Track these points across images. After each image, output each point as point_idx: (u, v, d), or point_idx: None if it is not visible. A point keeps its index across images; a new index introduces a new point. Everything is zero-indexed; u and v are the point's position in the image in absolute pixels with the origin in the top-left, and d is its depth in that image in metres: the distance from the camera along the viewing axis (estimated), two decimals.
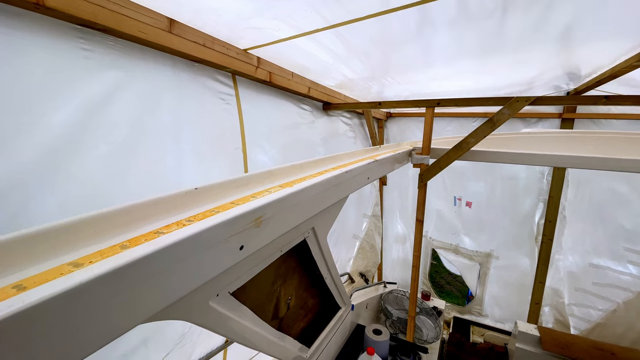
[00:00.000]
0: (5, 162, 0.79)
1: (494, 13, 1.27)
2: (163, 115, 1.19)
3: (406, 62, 1.85)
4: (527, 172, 3.29)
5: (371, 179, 1.40)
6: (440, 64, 1.89)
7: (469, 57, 1.79)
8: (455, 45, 1.60)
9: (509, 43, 1.58)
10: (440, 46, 1.62)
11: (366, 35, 1.44)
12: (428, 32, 1.44)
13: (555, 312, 3.46)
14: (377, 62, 1.85)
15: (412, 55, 1.73)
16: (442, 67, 1.95)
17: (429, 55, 1.75)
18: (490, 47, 1.64)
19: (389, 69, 1.99)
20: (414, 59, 1.80)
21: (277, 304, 1.30)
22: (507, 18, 1.32)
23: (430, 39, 1.52)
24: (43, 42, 0.86)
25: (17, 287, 0.34)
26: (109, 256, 0.41)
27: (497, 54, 1.74)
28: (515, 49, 1.66)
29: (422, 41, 1.55)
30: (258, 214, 0.64)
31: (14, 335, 0.31)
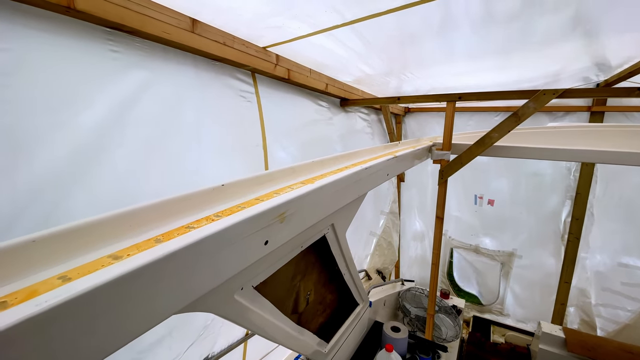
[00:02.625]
0: (40, 160, 0.83)
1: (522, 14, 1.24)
2: (186, 113, 1.22)
3: (426, 58, 1.82)
4: (553, 168, 3.17)
5: (390, 176, 1.39)
6: (461, 59, 1.84)
7: (493, 54, 1.74)
8: (479, 42, 1.57)
9: (536, 39, 1.53)
10: (463, 43, 1.59)
11: (384, 31, 1.42)
12: (450, 27, 1.40)
13: (581, 312, 3.33)
14: (395, 57, 1.82)
15: (432, 51, 1.70)
16: (464, 62, 1.90)
17: (450, 52, 1.72)
18: (515, 44, 1.59)
19: (408, 64, 1.95)
20: (434, 55, 1.77)
21: (296, 298, 1.32)
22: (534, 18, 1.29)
23: (451, 35, 1.49)
24: (74, 44, 0.89)
25: (62, 277, 0.36)
26: (145, 249, 0.42)
27: (522, 50, 1.68)
28: (542, 44, 1.61)
29: (443, 37, 1.52)
30: (282, 210, 0.65)
31: (60, 324, 0.33)
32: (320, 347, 1.53)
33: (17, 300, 0.32)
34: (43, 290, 0.34)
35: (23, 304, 0.32)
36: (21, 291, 0.34)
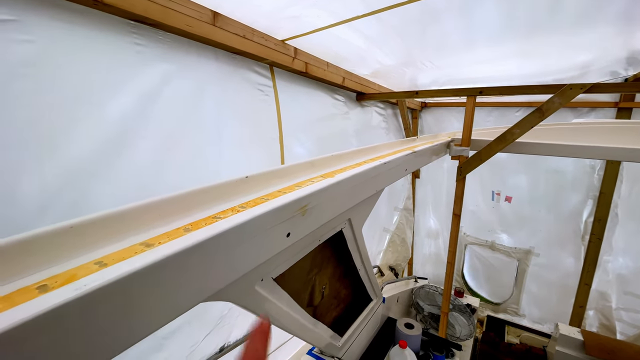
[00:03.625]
0: (67, 152, 0.86)
1: None
2: (206, 107, 1.23)
3: (445, 41, 1.74)
4: (575, 166, 3.06)
5: (409, 171, 1.37)
6: (483, 43, 1.74)
7: (516, 37, 1.64)
8: (502, 19, 1.46)
9: (564, 20, 1.43)
10: (485, 21, 1.48)
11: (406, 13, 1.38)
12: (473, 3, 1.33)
13: (601, 316, 3.23)
14: (414, 41, 1.75)
15: (452, 32, 1.61)
16: (485, 47, 1.81)
17: (471, 33, 1.61)
18: (541, 25, 1.49)
19: (427, 49, 1.88)
20: (454, 37, 1.68)
21: (312, 292, 1.32)
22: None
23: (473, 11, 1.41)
24: (100, 37, 0.91)
25: (99, 263, 0.37)
26: (175, 238, 0.43)
27: (548, 34, 1.59)
28: (570, 28, 1.51)
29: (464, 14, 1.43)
30: (304, 203, 0.65)
31: (98, 307, 0.34)
32: (334, 340, 1.54)
33: (58, 284, 0.33)
34: (81, 274, 0.35)
35: (63, 287, 0.33)
36: (61, 275, 0.35)
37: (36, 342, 0.30)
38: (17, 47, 0.74)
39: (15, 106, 0.75)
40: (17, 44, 0.74)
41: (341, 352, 1.61)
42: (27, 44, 0.76)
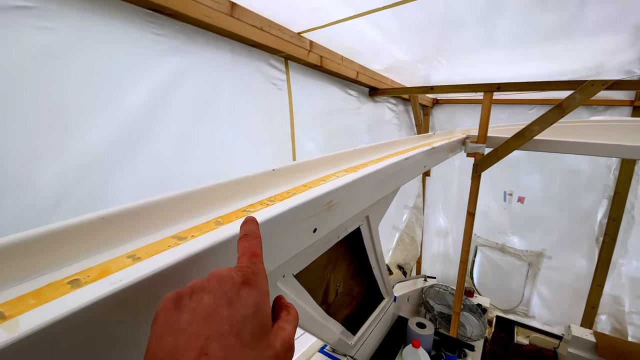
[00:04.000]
0: (86, 141, 0.84)
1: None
2: (222, 100, 1.21)
3: (465, 43, 1.72)
4: (590, 165, 2.98)
5: (427, 167, 1.34)
6: (502, 47, 1.74)
7: (537, 42, 1.64)
8: (525, 28, 1.47)
9: (585, 27, 1.43)
10: (507, 29, 1.49)
11: (426, 11, 1.35)
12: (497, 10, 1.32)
13: (613, 320, 3.17)
14: (431, 40, 1.73)
15: (472, 35, 1.61)
16: (504, 51, 1.79)
17: (492, 37, 1.62)
18: (564, 32, 1.49)
19: (444, 48, 1.86)
20: (473, 40, 1.67)
21: (326, 289, 1.30)
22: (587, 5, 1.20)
23: (497, 19, 1.40)
24: (119, 26, 0.89)
25: (132, 257, 0.35)
26: (207, 231, 0.41)
27: (570, 38, 1.57)
28: (591, 33, 1.50)
29: (487, 21, 1.43)
30: (330, 198, 0.63)
31: (133, 304, 0.32)
32: (347, 338, 1.52)
33: (91, 279, 0.31)
34: (115, 268, 0.33)
35: (97, 282, 0.31)
36: (93, 268, 0.33)
37: (69, 342, 0.28)
38: (37, 34, 0.73)
39: (36, 95, 0.73)
40: (37, 32, 0.73)
41: (353, 351, 1.59)
42: (46, 32, 0.74)
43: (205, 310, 0.26)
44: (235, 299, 0.28)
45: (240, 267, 0.31)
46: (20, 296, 0.29)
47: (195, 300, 0.27)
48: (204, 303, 0.27)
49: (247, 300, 0.29)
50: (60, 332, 0.26)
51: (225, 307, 0.27)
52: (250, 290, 0.30)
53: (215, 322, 0.26)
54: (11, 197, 0.70)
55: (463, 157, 2.01)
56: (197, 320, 0.26)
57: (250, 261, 0.32)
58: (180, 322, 0.26)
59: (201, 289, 0.28)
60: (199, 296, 0.28)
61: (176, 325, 0.26)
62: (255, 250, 0.34)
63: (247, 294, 0.29)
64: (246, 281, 0.30)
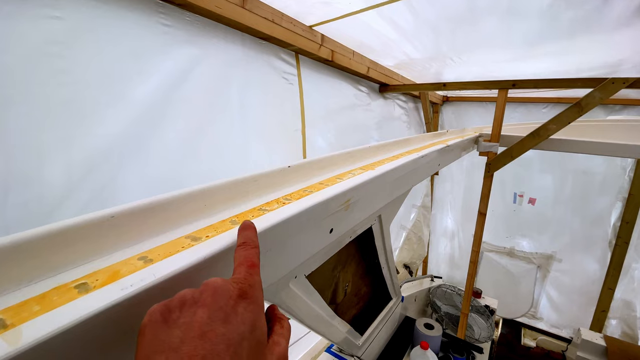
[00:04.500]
0: (95, 133, 0.82)
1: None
2: (232, 94, 1.18)
3: (481, 40, 1.67)
4: (605, 166, 2.91)
5: (441, 166, 1.30)
6: (519, 44, 1.68)
7: (556, 37, 1.58)
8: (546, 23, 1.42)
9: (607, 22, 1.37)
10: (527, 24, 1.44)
11: (443, 6, 1.31)
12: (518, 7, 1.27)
13: (624, 325, 3.10)
14: (445, 37, 1.68)
15: (489, 32, 1.55)
16: (521, 48, 1.73)
17: (510, 34, 1.56)
18: (585, 26, 1.43)
19: (458, 46, 1.81)
20: (490, 37, 1.62)
21: (335, 289, 1.28)
22: None
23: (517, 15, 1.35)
24: (129, 16, 0.87)
25: (143, 258, 0.33)
26: (223, 231, 0.38)
27: (590, 33, 1.51)
28: (613, 28, 1.44)
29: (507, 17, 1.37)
30: (348, 197, 0.60)
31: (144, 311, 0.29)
32: (354, 338, 1.50)
33: (99, 283, 0.29)
34: (125, 272, 0.30)
35: (106, 287, 0.28)
36: (101, 271, 0.31)
37: (76, 355, 0.25)
38: (46, 23, 0.70)
39: (43, 87, 0.71)
40: (46, 20, 0.70)
41: (361, 351, 1.56)
42: (56, 21, 0.72)
43: (200, 327, 0.24)
44: (231, 314, 0.26)
45: (237, 278, 0.29)
46: (24, 301, 0.26)
47: (188, 315, 0.25)
48: (197, 318, 0.25)
49: (244, 316, 0.27)
50: (68, 344, 0.24)
51: (221, 324, 0.25)
52: (247, 305, 0.28)
53: (211, 340, 0.24)
54: (17, 194, 0.68)
55: (471, 156, 1.96)
56: (190, 338, 0.23)
57: (248, 272, 0.30)
58: (171, 339, 0.23)
59: (193, 302, 0.26)
60: (191, 310, 0.25)
61: (166, 342, 0.23)
62: (253, 260, 0.32)
63: (244, 309, 0.27)
64: (243, 295, 0.28)
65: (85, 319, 0.24)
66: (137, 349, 0.24)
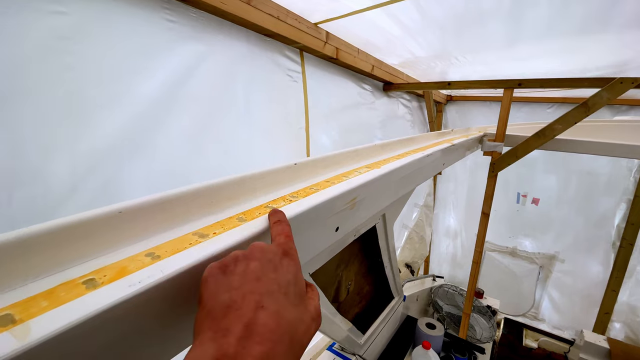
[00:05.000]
0: (100, 129, 0.82)
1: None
2: (237, 91, 1.18)
3: (486, 38, 1.65)
4: (610, 167, 2.88)
5: (446, 165, 1.29)
6: (526, 41, 1.66)
7: (564, 35, 1.55)
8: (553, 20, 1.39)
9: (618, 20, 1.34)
10: (534, 22, 1.42)
11: (448, 5, 1.30)
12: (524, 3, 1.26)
13: (628, 329, 3.08)
14: (452, 35, 1.67)
15: (496, 30, 1.54)
16: (528, 45, 1.71)
17: (517, 32, 1.54)
18: (594, 24, 1.41)
19: (464, 45, 1.79)
20: (497, 35, 1.60)
21: (338, 287, 1.28)
22: None
23: (524, 13, 1.33)
24: (134, 11, 0.86)
25: (151, 255, 0.32)
26: (230, 228, 0.38)
27: (599, 32, 1.48)
28: (624, 26, 1.41)
29: (513, 15, 1.36)
30: (354, 195, 0.59)
31: (151, 308, 0.29)
32: (356, 337, 1.50)
33: (107, 279, 0.29)
34: (133, 268, 0.30)
35: (114, 283, 0.28)
36: (109, 267, 0.30)
37: (84, 351, 0.25)
38: (50, 18, 0.70)
39: (48, 82, 0.71)
40: (50, 15, 0.70)
41: (362, 350, 1.56)
42: (60, 16, 0.72)
43: (254, 273, 0.29)
44: (278, 266, 0.31)
45: (279, 242, 0.35)
46: (32, 297, 0.26)
47: (242, 266, 0.30)
48: (252, 267, 0.30)
49: (289, 268, 0.32)
50: (76, 340, 0.24)
51: (272, 271, 0.30)
52: (290, 260, 0.33)
53: (265, 282, 0.29)
54: (24, 189, 0.68)
55: (475, 156, 1.95)
56: (248, 281, 0.28)
57: (287, 238, 0.36)
58: (232, 283, 0.28)
59: (244, 257, 0.31)
60: (244, 263, 0.30)
61: (229, 284, 0.28)
62: (288, 232, 0.37)
63: (287, 263, 0.32)
64: (285, 253, 0.33)
65: (93, 316, 0.24)
66: (201, 293, 0.28)
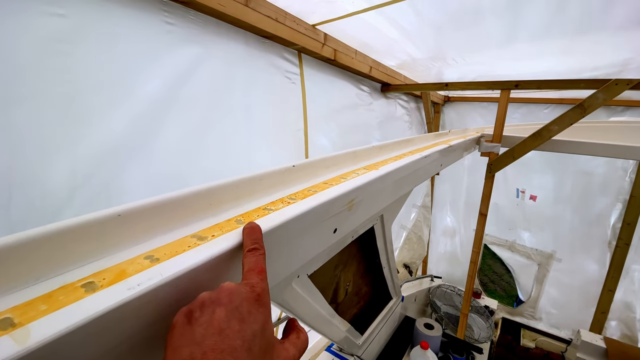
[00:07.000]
0: (99, 132, 0.82)
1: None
2: (236, 93, 1.18)
3: (482, 39, 1.66)
4: (606, 168, 2.91)
5: (443, 166, 1.30)
6: (523, 41, 1.66)
7: (561, 34, 1.56)
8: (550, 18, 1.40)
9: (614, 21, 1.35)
10: (531, 19, 1.42)
11: (444, 5, 1.31)
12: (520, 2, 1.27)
13: (624, 326, 3.10)
14: (448, 35, 1.67)
15: (492, 30, 1.54)
16: (524, 44, 1.72)
17: (513, 31, 1.55)
18: (591, 24, 1.42)
19: (460, 45, 1.80)
20: (493, 35, 1.61)
21: (336, 288, 1.28)
22: None
23: (520, 11, 1.34)
24: (133, 13, 0.86)
25: (150, 257, 0.33)
26: (229, 231, 0.38)
27: (597, 32, 1.49)
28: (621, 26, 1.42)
29: (509, 14, 1.37)
30: (352, 197, 0.60)
31: (150, 311, 0.29)
32: (354, 337, 1.50)
33: (107, 282, 0.29)
34: (132, 271, 0.30)
35: (113, 286, 0.28)
36: (108, 270, 0.31)
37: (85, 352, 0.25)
38: (49, 21, 0.70)
39: (47, 84, 0.71)
40: (49, 18, 0.70)
41: (361, 350, 1.57)
42: (59, 18, 0.72)
43: (218, 324, 0.27)
44: (245, 314, 0.29)
45: (249, 283, 0.32)
46: (31, 300, 0.26)
47: (208, 313, 0.28)
48: (216, 317, 0.28)
49: (257, 317, 0.29)
50: (75, 344, 0.24)
51: (237, 322, 0.28)
52: (259, 307, 0.30)
53: (229, 336, 0.26)
54: (23, 192, 0.68)
55: (472, 156, 1.96)
56: (210, 334, 0.26)
57: (259, 278, 0.33)
58: (194, 335, 0.26)
59: (211, 302, 0.29)
60: (210, 309, 0.28)
61: (190, 337, 0.26)
62: (262, 266, 0.34)
63: (256, 310, 0.30)
64: (256, 297, 0.31)
65: (93, 319, 0.24)
66: (166, 344, 0.27)
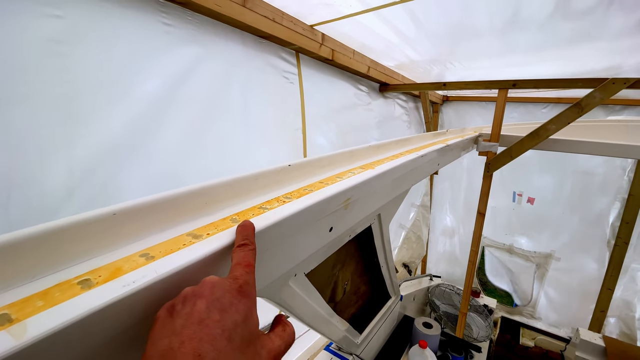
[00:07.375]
0: (97, 132, 0.82)
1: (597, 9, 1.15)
2: (233, 93, 1.18)
3: (481, 50, 1.70)
4: (605, 167, 2.91)
5: (440, 166, 1.31)
6: (519, 53, 1.71)
7: (556, 47, 1.60)
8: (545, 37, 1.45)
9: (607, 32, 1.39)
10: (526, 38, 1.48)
11: (443, 17, 1.32)
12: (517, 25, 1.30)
13: (623, 324, 3.11)
14: (447, 45, 1.70)
15: (489, 44, 1.59)
16: (521, 55, 1.76)
17: (510, 45, 1.60)
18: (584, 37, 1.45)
19: (459, 53, 1.82)
20: (490, 48, 1.65)
21: (334, 287, 1.28)
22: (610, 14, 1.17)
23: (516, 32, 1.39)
24: (129, 15, 0.87)
25: (145, 255, 0.33)
26: (224, 229, 0.39)
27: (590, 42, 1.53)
28: (613, 38, 1.45)
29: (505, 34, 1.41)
30: (348, 195, 0.60)
31: (145, 307, 0.30)
32: (353, 337, 1.50)
33: (102, 279, 0.29)
34: (127, 268, 0.31)
35: (108, 283, 0.29)
36: (104, 268, 0.31)
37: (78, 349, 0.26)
38: (46, 22, 0.70)
39: (45, 85, 0.71)
40: (46, 19, 0.70)
41: (360, 349, 1.57)
42: (56, 20, 0.72)
43: (198, 315, 0.27)
44: (227, 305, 0.29)
45: (234, 276, 0.32)
46: (28, 297, 0.27)
47: (189, 306, 0.28)
48: (197, 308, 0.28)
49: (239, 307, 0.29)
50: (71, 339, 0.24)
51: (217, 313, 0.28)
52: (242, 298, 0.30)
53: (208, 326, 0.26)
54: (20, 191, 0.69)
55: (471, 155, 1.97)
56: (190, 324, 0.26)
57: (244, 271, 0.33)
58: (174, 327, 0.26)
59: (193, 295, 0.29)
60: (191, 302, 0.28)
61: (171, 329, 0.26)
62: (250, 260, 0.35)
63: (238, 301, 0.30)
64: (239, 289, 0.31)
65: (88, 315, 0.25)
66: (147, 342, 0.27)
